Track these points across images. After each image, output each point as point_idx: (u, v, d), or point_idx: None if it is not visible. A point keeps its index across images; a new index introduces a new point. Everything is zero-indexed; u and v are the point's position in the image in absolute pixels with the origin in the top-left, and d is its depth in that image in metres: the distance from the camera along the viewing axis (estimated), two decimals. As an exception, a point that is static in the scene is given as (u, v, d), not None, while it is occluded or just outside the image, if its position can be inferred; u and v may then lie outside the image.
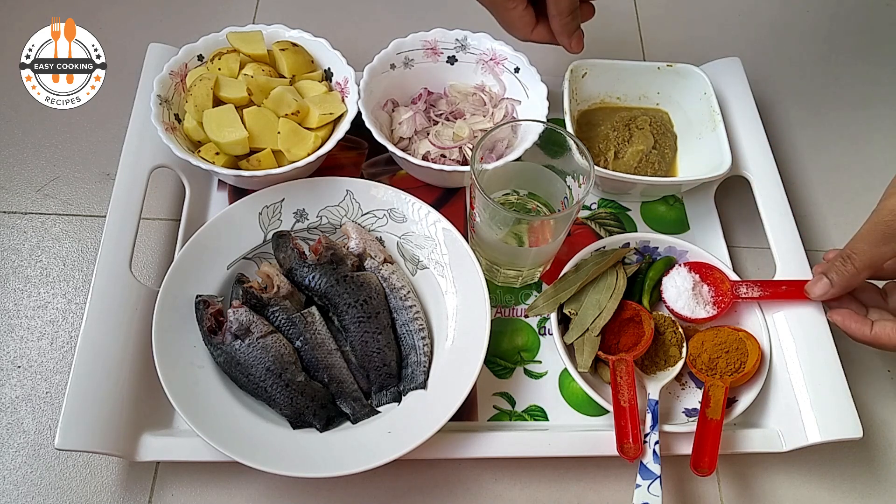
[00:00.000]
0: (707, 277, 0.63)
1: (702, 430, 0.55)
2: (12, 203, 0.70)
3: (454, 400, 0.54)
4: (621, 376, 0.56)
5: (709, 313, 0.61)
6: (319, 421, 0.56)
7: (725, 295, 0.61)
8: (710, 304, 0.62)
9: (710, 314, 0.61)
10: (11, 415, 0.58)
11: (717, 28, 0.91)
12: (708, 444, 0.54)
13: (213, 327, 0.57)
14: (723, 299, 0.62)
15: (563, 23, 0.60)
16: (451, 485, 0.58)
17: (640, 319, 0.60)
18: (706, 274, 0.63)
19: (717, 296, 0.62)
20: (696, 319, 0.61)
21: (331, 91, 0.67)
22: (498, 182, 0.62)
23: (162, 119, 0.62)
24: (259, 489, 0.56)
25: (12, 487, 0.56)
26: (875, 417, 0.63)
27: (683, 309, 0.61)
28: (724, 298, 0.61)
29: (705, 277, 0.63)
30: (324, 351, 0.58)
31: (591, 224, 0.71)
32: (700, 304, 0.61)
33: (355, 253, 0.62)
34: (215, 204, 0.68)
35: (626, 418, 0.54)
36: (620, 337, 0.60)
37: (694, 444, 0.54)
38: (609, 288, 0.60)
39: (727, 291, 0.61)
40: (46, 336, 0.62)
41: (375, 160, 0.72)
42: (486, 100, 0.71)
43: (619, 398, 0.55)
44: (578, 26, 0.62)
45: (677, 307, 0.62)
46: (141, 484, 0.56)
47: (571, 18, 0.60)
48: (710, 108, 0.70)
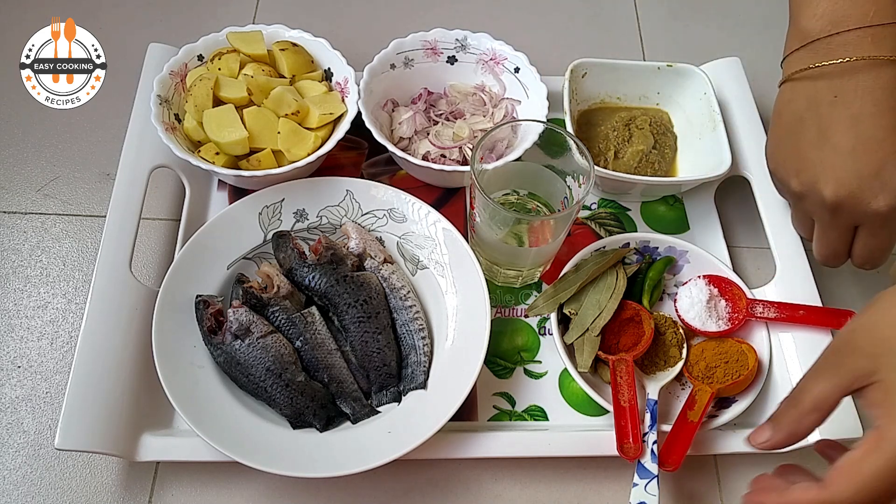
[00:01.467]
0: (725, 293, 0.62)
1: (678, 430, 0.55)
2: (12, 203, 0.70)
3: (454, 400, 0.54)
4: (621, 376, 0.56)
5: (720, 328, 0.61)
6: (319, 421, 0.56)
7: (740, 312, 0.61)
8: (723, 319, 0.61)
9: (721, 329, 0.61)
10: (11, 415, 0.58)
11: (717, 28, 0.91)
12: (679, 443, 0.54)
13: (213, 327, 0.57)
14: (738, 316, 0.61)
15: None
16: (451, 485, 0.58)
17: (639, 319, 0.60)
18: (724, 289, 0.62)
19: (734, 312, 0.61)
20: (706, 332, 0.61)
21: (331, 91, 0.67)
22: (498, 182, 0.62)
23: (162, 119, 0.62)
24: (259, 489, 0.56)
25: (12, 487, 0.56)
26: (875, 417, 0.63)
27: (694, 320, 0.61)
28: (738, 315, 0.61)
29: (723, 292, 0.62)
30: (324, 351, 0.58)
31: (591, 224, 0.71)
32: (713, 318, 0.61)
33: (355, 253, 0.62)
34: (215, 204, 0.68)
35: (626, 418, 0.54)
36: (620, 337, 0.60)
37: (667, 439, 0.55)
38: (609, 288, 0.60)
39: (743, 309, 0.61)
40: (46, 336, 0.62)
41: (375, 160, 0.72)
42: (486, 100, 0.71)
43: (619, 398, 0.55)
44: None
45: (688, 317, 0.61)
46: (141, 484, 0.56)
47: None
48: (710, 108, 0.70)
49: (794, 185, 0.58)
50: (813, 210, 0.58)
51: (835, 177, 0.54)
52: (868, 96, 0.53)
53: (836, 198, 0.55)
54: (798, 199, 0.59)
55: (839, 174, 0.54)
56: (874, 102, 0.53)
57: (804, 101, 0.57)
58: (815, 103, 0.56)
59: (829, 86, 0.55)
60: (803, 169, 0.57)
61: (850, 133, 0.54)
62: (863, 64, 0.53)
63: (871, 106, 0.53)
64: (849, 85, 0.54)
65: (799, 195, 0.58)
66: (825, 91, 0.55)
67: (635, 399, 0.55)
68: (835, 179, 0.54)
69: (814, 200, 0.57)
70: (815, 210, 0.58)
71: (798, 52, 0.57)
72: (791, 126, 0.58)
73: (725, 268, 0.63)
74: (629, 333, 0.60)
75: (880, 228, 0.55)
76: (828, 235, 0.58)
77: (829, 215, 0.57)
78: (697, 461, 0.58)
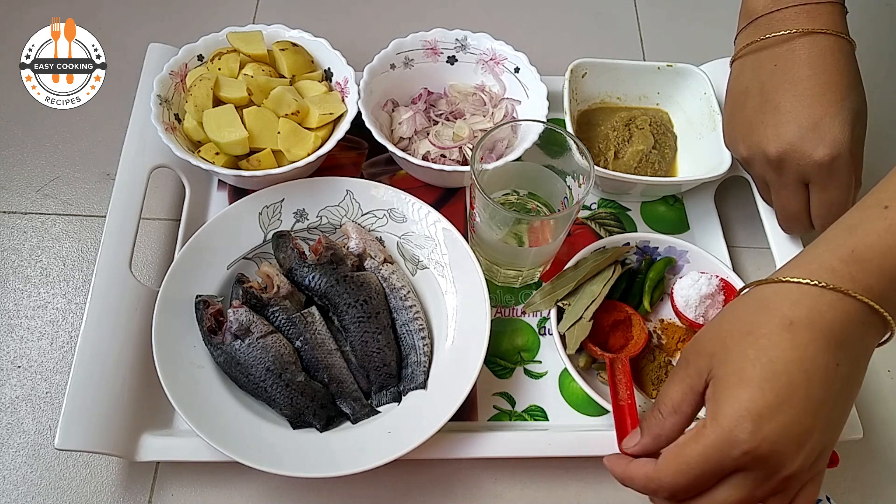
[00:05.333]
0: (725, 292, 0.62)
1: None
2: (12, 203, 0.70)
3: (454, 400, 0.54)
4: (617, 375, 0.56)
5: None
6: (319, 421, 0.56)
7: None
8: None
9: None
10: (11, 415, 0.58)
11: (717, 28, 0.91)
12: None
13: (213, 327, 0.57)
14: None
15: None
16: (451, 485, 0.58)
17: (631, 323, 0.60)
18: (724, 289, 0.62)
19: None
20: (696, 325, 0.61)
21: (331, 91, 0.67)
22: (498, 182, 0.62)
23: (162, 119, 0.62)
24: (259, 489, 0.56)
25: (12, 487, 0.56)
26: (875, 417, 0.63)
27: (687, 309, 0.61)
28: None
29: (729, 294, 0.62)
30: (324, 351, 0.58)
31: (591, 224, 0.71)
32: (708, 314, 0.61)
33: (355, 253, 0.62)
34: (215, 204, 0.68)
35: (625, 416, 0.54)
36: (609, 337, 0.60)
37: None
38: (603, 279, 0.60)
39: None
40: (46, 336, 0.62)
41: (375, 160, 0.72)
42: (486, 100, 0.71)
43: (616, 396, 0.55)
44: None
45: (681, 303, 0.61)
46: (141, 484, 0.56)
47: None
48: (710, 108, 0.70)
49: (743, 151, 0.61)
50: (763, 172, 0.61)
51: (776, 133, 0.58)
52: (805, 61, 0.58)
53: (778, 153, 0.57)
54: (749, 164, 0.62)
55: (780, 130, 0.57)
56: (811, 66, 0.57)
57: (749, 72, 0.62)
58: (758, 73, 0.61)
59: (770, 55, 0.60)
60: (749, 133, 0.60)
61: (788, 94, 0.58)
62: (799, 35, 0.58)
63: (807, 69, 0.57)
64: (787, 53, 0.59)
65: (748, 160, 0.62)
66: (767, 61, 0.60)
67: (633, 397, 0.55)
68: (776, 136, 0.58)
69: (761, 161, 0.60)
70: (765, 171, 0.60)
71: (745, 29, 0.63)
72: (738, 98, 0.62)
73: (725, 268, 0.63)
74: (617, 335, 0.60)
75: (828, 180, 0.57)
76: (781, 196, 0.61)
77: (776, 173, 0.59)
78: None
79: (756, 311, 0.43)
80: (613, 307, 0.61)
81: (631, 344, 0.59)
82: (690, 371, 0.44)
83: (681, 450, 0.42)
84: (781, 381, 0.40)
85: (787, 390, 0.40)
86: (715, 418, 0.40)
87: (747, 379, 0.40)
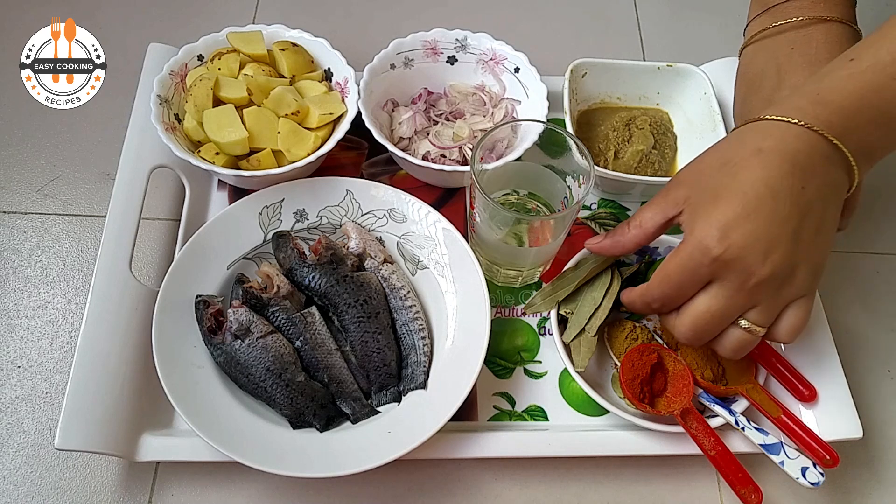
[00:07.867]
0: None
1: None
2: (12, 203, 0.70)
3: (454, 400, 0.54)
4: (691, 425, 0.54)
5: None
6: (319, 421, 0.56)
7: None
8: None
9: None
10: (11, 415, 0.58)
11: (717, 28, 0.91)
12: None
13: (213, 327, 0.57)
14: None
15: None
16: (451, 485, 0.58)
17: (662, 359, 0.58)
18: None
19: None
20: None
21: (331, 91, 0.67)
22: (498, 182, 0.62)
23: (162, 119, 0.62)
24: (259, 489, 0.56)
25: (12, 487, 0.56)
26: (875, 417, 0.63)
27: None
28: None
29: None
30: (324, 351, 0.58)
31: (591, 224, 0.71)
32: None
33: (355, 253, 0.62)
34: (215, 204, 0.68)
35: (721, 465, 0.52)
36: (650, 385, 0.57)
37: None
38: (603, 285, 0.60)
39: None
40: (46, 336, 0.62)
41: (375, 160, 0.72)
42: (486, 100, 0.71)
43: (705, 450, 0.54)
44: None
45: None
46: (141, 484, 0.56)
47: None
48: (710, 108, 0.70)
49: None
50: None
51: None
52: (822, 46, 0.60)
53: None
54: None
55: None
56: (828, 50, 0.60)
57: (764, 56, 0.63)
58: (775, 55, 0.62)
59: (786, 39, 0.62)
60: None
61: (805, 73, 0.60)
62: (815, 21, 0.61)
63: (825, 53, 0.60)
64: (804, 38, 0.61)
65: None
66: (783, 44, 0.62)
67: (720, 442, 0.53)
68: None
69: None
70: None
71: (759, 17, 0.65)
72: (754, 81, 0.64)
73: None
74: (657, 377, 0.58)
75: None
76: None
77: None
78: (697, 461, 0.58)
79: (731, 145, 0.49)
80: (641, 351, 0.57)
81: (675, 384, 0.56)
82: (668, 199, 0.50)
83: (664, 264, 0.49)
84: (749, 197, 0.45)
85: (753, 204, 0.45)
86: (691, 233, 0.47)
87: (718, 198, 0.46)
